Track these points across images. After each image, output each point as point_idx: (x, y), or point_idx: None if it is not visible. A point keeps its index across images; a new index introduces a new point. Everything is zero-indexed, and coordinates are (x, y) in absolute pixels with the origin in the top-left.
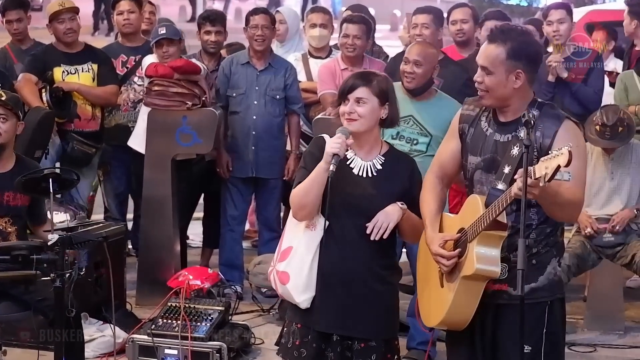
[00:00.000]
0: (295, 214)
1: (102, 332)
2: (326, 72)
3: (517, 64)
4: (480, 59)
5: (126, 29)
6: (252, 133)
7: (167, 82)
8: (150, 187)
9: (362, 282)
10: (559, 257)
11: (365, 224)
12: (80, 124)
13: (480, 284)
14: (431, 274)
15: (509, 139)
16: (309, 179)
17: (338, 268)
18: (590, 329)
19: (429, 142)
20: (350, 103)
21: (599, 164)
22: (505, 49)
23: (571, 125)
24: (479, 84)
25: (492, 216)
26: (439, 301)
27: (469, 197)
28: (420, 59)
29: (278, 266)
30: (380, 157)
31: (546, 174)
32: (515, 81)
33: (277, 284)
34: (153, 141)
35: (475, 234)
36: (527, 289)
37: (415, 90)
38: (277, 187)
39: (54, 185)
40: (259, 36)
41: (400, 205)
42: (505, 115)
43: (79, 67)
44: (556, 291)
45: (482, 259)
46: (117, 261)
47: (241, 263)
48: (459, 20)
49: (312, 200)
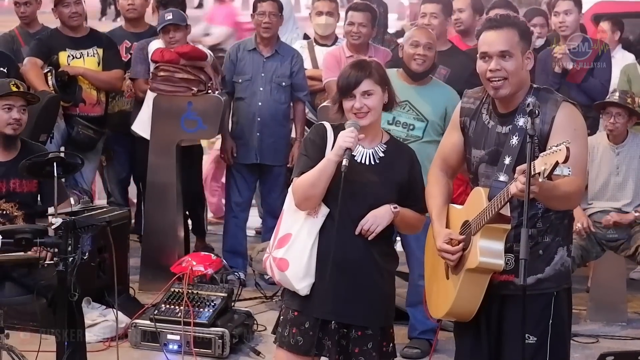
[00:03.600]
0: (299, 204)
1: (104, 316)
2: (331, 59)
3: (527, 45)
4: (499, 45)
5: (130, 14)
6: (257, 119)
7: (173, 67)
8: (154, 172)
9: (359, 269)
10: (566, 246)
11: (366, 212)
12: (85, 108)
13: (485, 277)
14: (438, 266)
15: (509, 130)
16: (317, 171)
17: (336, 255)
18: (593, 320)
19: (425, 128)
20: (358, 98)
21: (604, 159)
22: (517, 31)
23: (568, 108)
24: (497, 73)
25: (494, 210)
26: (444, 293)
27: (473, 190)
28: (431, 42)
29: (275, 253)
30: (382, 145)
31: (545, 170)
32: (528, 62)
33: (274, 271)
34: (158, 127)
35: (478, 227)
36: (533, 279)
37: (422, 73)
38: (281, 174)
39: (58, 169)
40: (266, 23)
41: (392, 209)
42: (505, 106)
43: (84, 51)
44: (562, 281)
45: (485, 252)
46: (120, 246)
47: (245, 250)
48: (457, 10)
49: (319, 192)
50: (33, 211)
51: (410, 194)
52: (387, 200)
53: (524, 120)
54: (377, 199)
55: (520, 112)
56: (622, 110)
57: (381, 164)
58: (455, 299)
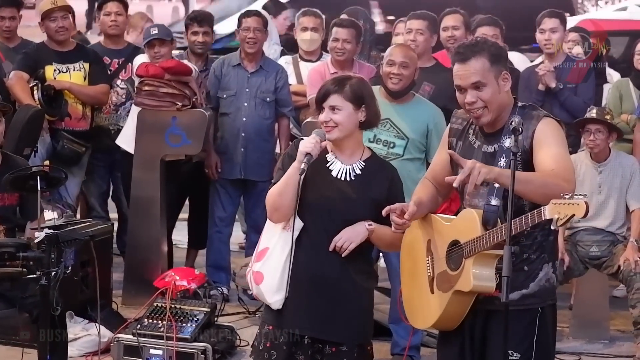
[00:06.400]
0: (270, 215)
1: (87, 331)
2: (316, 75)
3: (500, 67)
4: (470, 77)
5: (112, 30)
6: (242, 135)
7: (158, 82)
8: (138, 187)
9: (336, 285)
10: (551, 262)
11: (342, 228)
12: (71, 122)
13: (472, 296)
14: (418, 274)
15: (495, 150)
16: (283, 180)
17: (311, 269)
18: (575, 338)
19: (406, 145)
20: (326, 111)
21: (587, 177)
22: (486, 58)
23: (549, 121)
24: (473, 105)
25: (493, 241)
26: (428, 306)
27: (465, 211)
28: (407, 60)
29: (254, 267)
30: (361, 162)
31: (558, 219)
32: (504, 84)
33: (252, 284)
34: (142, 141)
35: (472, 252)
36: (518, 295)
37: (399, 92)
38: (265, 190)
39: (41, 183)
40: (251, 39)
41: (367, 226)
42: (492, 125)
43: (70, 65)
44: (547, 297)
45: (478, 277)
46: (103, 260)
47: (228, 265)
48: (451, 27)
49: (286, 201)
50: (13, 225)
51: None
52: (362, 217)
53: (510, 141)
54: (352, 215)
55: (506, 133)
56: (601, 127)
57: (357, 181)
58: (442, 315)
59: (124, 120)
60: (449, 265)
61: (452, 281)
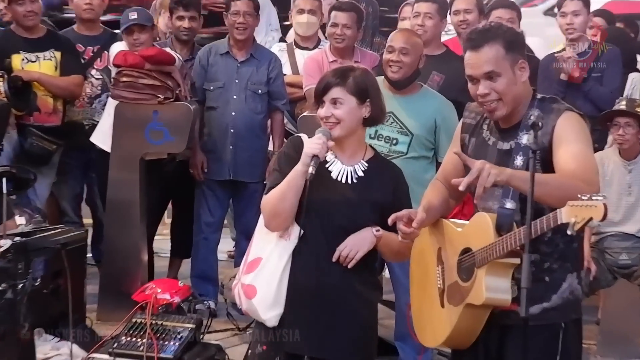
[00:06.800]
0: (267, 223)
1: (58, 350)
2: (313, 64)
3: (516, 55)
4: (482, 66)
5: (87, 14)
6: (231, 131)
7: (137, 72)
8: (115, 189)
9: (337, 298)
10: (576, 272)
11: (343, 234)
12: (41, 117)
13: (486, 311)
14: (428, 286)
15: (511, 147)
16: (285, 184)
17: (311, 281)
18: (603, 356)
19: (410, 142)
20: (326, 106)
21: (615, 177)
22: (500, 45)
23: (570, 115)
24: (486, 97)
25: (507, 248)
26: (438, 322)
27: (477, 215)
28: (407, 46)
29: (244, 279)
30: (363, 163)
31: (575, 223)
32: (521, 74)
33: (241, 299)
34: (120, 138)
35: (484, 262)
36: (538, 309)
37: (400, 82)
38: (257, 192)
39: (7, 184)
40: (241, 24)
41: (374, 232)
42: (507, 121)
43: (40, 54)
44: (571, 312)
45: (491, 288)
46: (76, 271)
47: (215, 276)
48: (462, 10)
49: (287, 207)
50: None
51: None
52: (365, 222)
53: (527, 137)
54: (354, 221)
55: (523, 128)
56: (631, 120)
57: (360, 183)
58: (453, 331)
59: (100, 115)
60: (460, 275)
61: (463, 293)
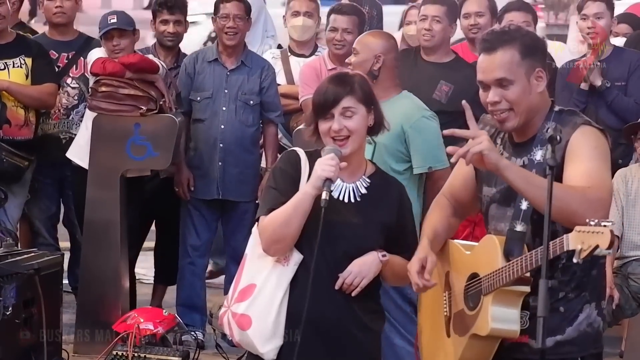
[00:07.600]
0: (267, 247)
1: None
2: (310, 73)
3: (534, 62)
4: (494, 72)
5: (57, 18)
6: (220, 145)
7: (117, 81)
8: (93, 209)
9: (339, 328)
10: (595, 302)
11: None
12: (11, 130)
13: (494, 343)
14: (435, 313)
15: (524, 163)
16: (291, 207)
17: (312, 311)
18: None
19: (373, 152)
20: (337, 118)
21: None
22: (516, 49)
23: (587, 129)
24: (496, 105)
25: (514, 275)
26: (443, 353)
27: (485, 238)
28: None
29: (235, 307)
30: (366, 180)
31: (582, 250)
32: (538, 83)
33: (233, 330)
34: (99, 153)
35: (491, 288)
36: (552, 342)
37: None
38: (248, 212)
39: None
40: (230, 28)
41: (380, 257)
42: (521, 134)
43: (9, 61)
44: (590, 346)
45: (498, 318)
46: (51, 298)
47: (203, 304)
48: (474, 13)
49: (292, 233)
50: None
51: (399, 239)
52: (371, 245)
53: (541, 153)
54: (357, 244)
55: (537, 143)
56: None
57: (363, 202)
58: None
59: (77, 128)
60: (466, 303)
61: (468, 323)
